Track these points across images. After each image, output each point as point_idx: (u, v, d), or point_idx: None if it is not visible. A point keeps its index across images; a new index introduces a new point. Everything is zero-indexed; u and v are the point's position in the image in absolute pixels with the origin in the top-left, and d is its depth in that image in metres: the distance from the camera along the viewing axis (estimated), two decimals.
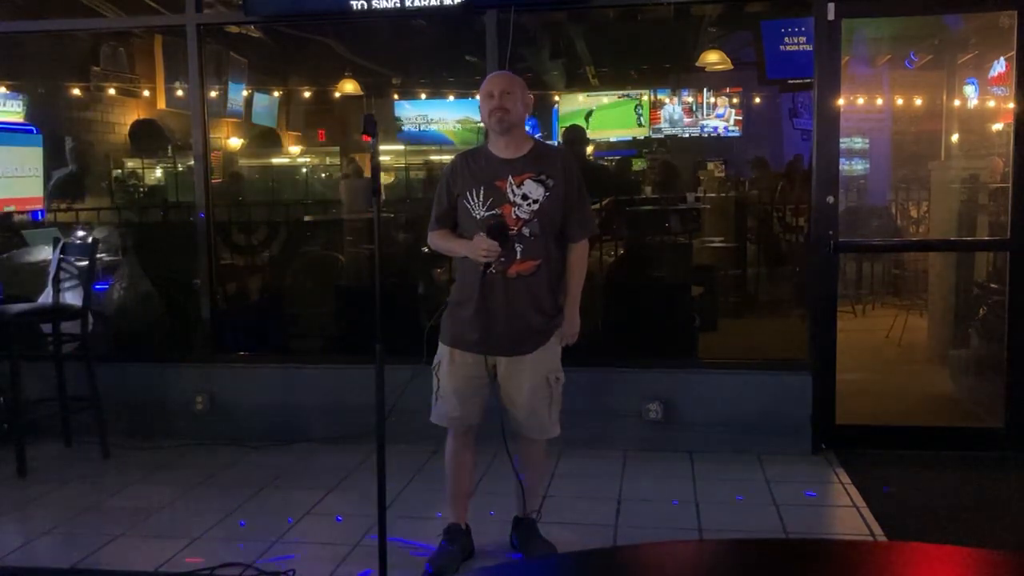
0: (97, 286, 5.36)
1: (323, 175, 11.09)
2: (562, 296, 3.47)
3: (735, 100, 9.13)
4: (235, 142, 10.43)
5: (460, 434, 3.54)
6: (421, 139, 10.09)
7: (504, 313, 3.33)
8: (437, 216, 3.47)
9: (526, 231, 3.30)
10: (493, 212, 3.29)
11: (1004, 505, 4.11)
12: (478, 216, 3.31)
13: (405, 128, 10.02)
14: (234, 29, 7.15)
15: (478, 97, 3.44)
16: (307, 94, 10.77)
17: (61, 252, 5.13)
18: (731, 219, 7.73)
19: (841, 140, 4.80)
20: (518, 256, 3.30)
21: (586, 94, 9.39)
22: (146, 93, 8.73)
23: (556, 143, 7.82)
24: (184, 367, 5.32)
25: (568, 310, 3.47)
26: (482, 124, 3.54)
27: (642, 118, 9.10)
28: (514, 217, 3.29)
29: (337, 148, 10.98)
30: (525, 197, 3.30)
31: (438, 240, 3.50)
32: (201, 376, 5.26)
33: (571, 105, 9.25)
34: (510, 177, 3.31)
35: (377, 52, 9.00)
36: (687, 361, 5.22)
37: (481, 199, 3.30)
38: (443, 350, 3.46)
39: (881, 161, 9.10)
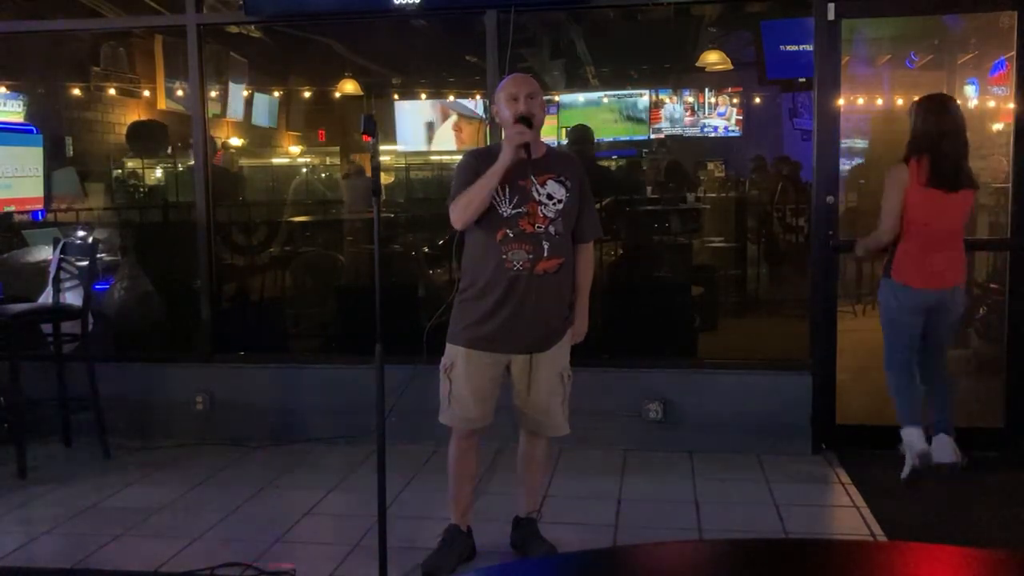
0: (97, 286, 5.35)
1: (323, 175, 11.09)
2: (572, 295, 3.50)
3: (735, 100, 9.13)
4: (235, 142, 10.43)
5: (467, 436, 3.53)
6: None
7: (530, 311, 3.34)
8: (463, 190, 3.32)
9: (552, 229, 3.33)
10: (520, 210, 3.30)
11: (1004, 505, 4.11)
12: (505, 213, 3.30)
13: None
14: (234, 29, 7.15)
15: (498, 97, 3.41)
16: (307, 94, 10.77)
17: (61, 252, 5.12)
18: (731, 219, 7.73)
19: (841, 140, 4.81)
20: (546, 254, 3.32)
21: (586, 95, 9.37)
22: (146, 93, 8.73)
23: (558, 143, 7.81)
24: (184, 367, 5.32)
25: (579, 308, 3.52)
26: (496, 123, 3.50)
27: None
28: (542, 216, 3.32)
29: (337, 148, 10.99)
30: (550, 197, 3.34)
31: (462, 197, 3.29)
32: (201, 376, 5.26)
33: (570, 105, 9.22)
34: (532, 177, 3.33)
35: (377, 52, 9.00)
36: (687, 361, 5.22)
37: (507, 196, 3.30)
38: (457, 351, 3.42)
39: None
